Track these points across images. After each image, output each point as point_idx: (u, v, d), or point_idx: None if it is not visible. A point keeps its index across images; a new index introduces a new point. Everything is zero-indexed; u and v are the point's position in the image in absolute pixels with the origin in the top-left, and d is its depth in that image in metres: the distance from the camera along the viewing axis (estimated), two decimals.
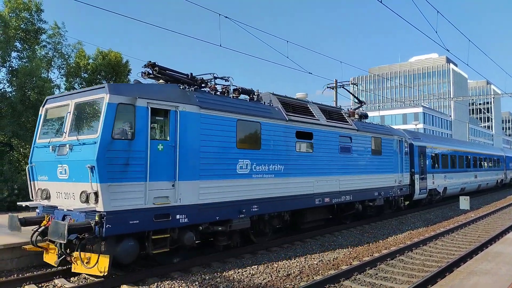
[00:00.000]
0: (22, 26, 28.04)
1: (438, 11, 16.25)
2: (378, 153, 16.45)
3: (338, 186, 13.90)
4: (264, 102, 11.94)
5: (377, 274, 9.22)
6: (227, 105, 10.28)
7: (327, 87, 21.03)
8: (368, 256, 10.78)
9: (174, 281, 8.42)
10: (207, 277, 8.74)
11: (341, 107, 18.62)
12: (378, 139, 16.51)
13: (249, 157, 10.43)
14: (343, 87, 21.54)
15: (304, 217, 13.16)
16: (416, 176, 20.01)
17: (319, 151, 13.04)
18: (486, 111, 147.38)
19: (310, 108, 13.50)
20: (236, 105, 10.63)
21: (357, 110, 17.61)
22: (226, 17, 14.02)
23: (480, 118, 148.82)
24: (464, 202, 22.10)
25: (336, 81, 29.34)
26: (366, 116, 17.87)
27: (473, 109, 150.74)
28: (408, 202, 20.58)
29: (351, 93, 20.08)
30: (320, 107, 14.16)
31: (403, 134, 19.42)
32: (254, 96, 12.06)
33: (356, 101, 19.55)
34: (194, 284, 8.31)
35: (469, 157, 29.52)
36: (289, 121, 11.91)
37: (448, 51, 19.57)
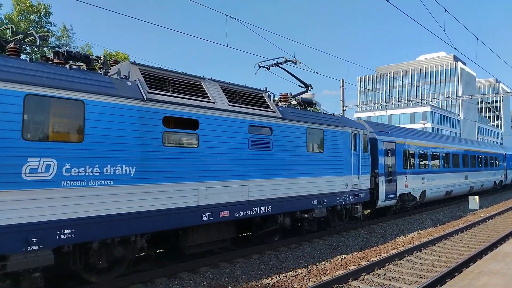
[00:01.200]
0: (31, 28, 28.34)
1: (445, 9, 16.15)
2: (319, 149, 12.82)
3: (247, 194, 10.22)
4: (121, 76, 8.41)
5: (385, 274, 9.19)
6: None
7: (260, 66, 12.61)
8: (376, 256, 10.75)
9: (182, 281, 8.47)
10: (215, 277, 8.77)
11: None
12: (319, 132, 12.83)
13: (57, 154, 6.85)
14: (278, 66, 14.24)
15: (186, 239, 9.45)
16: (381, 179, 16.36)
17: (210, 146, 9.36)
18: (495, 110, 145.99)
19: (203, 86, 9.78)
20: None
21: (299, 96, 14.00)
22: (232, 17, 14.06)
23: (489, 117, 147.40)
24: (473, 202, 21.94)
25: (343, 80, 29.27)
26: (310, 104, 14.11)
27: (481, 108, 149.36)
28: (369, 210, 17.62)
29: (291, 74, 14.52)
30: (224, 87, 10.39)
31: (360, 126, 15.35)
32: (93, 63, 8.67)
33: (301, 85, 14.93)
34: (202, 284, 8.35)
35: (458, 155, 25.11)
36: (149, 102, 8.21)
37: (456, 49, 19.45)
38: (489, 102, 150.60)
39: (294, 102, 13.43)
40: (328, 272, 9.27)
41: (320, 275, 9.03)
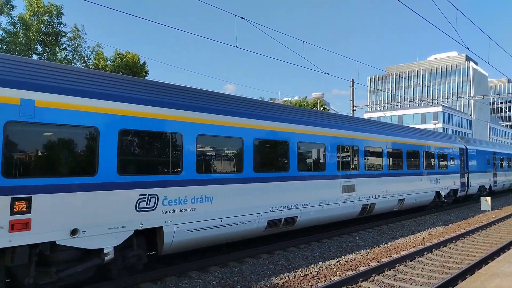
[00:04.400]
0: (43, 29, 28.72)
1: (457, 9, 15.98)
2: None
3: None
4: None
5: (395, 275, 9.12)
6: None
7: None
8: (386, 257, 10.67)
9: (192, 280, 8.50)
10: (224, 277, 8.79)
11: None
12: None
13: None
14: None
15: None
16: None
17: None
18: (507, 110, 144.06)
19: None
20: None
21: None
22: (242, 18, 14.07)
23: (502, 117, 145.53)
24: (485, 203, 21.68)
25: (352, 80, 29.14)
26: None
27: (494, 108, 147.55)
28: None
29: None
30: None
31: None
32: None
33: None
34: (211, 283, 8.37)
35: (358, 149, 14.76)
36: None
37: (468, 49, 19.23)
38: (501, 102, 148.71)
39: None
40: (337, 272, 9.23)
41: (330, 275, 8.99)
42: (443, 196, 20.76)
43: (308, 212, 12.15)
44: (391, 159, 16.82)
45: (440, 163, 20.59)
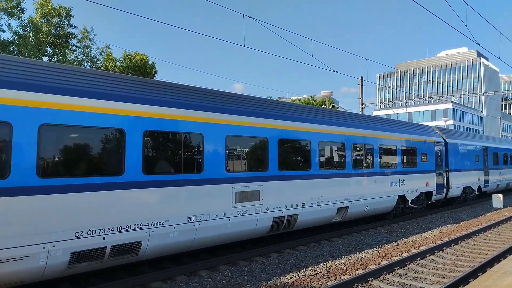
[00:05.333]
0: (52, 31, 29.00)
1: (467, 4, 15.80)
2: None
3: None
4: None
5: (406, 274, 9.05)
6: None
7: None
8: (397, 256, 10.60)
9: (202, 279, 8.53)
10: (234, 276, 8.81)
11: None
12: None
13: None
14: None
15: None
16: None
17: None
18: None
19: None
20: None
21: None
22: (249, 17, 14.06)
23: None
24: (497, 200, 21.43)
25: (361, 78, 28.97)
26: None
27: (505, 104, 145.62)
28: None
29: None
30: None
31: None
32: None
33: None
34: (221, 282, 8.39)
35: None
36: None
37: (479, 44, 19.02)
38: None
39: None
40: (347, 271, 9.19)
41: (340, 274, 8.96)
42: (409, 201, 16.96)
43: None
44: (325, 155, 12.91)
45: (406, 160, 16.74)
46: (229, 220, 9.65)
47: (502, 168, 27.14)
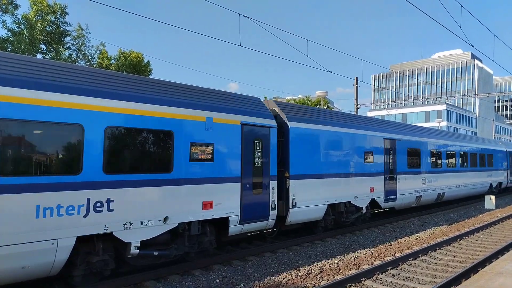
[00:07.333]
0: (47, 28, 28.79)
1: (462, 6, 15.88)
2: None
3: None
4: None
5: (399, 274, 9.10)
6: None
7: None
8: (390, 256, 10.65)
9: (195, 278, 8.52)
10: (228, 275, 8.80)
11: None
12: None
13: None
14: None
15: None
16: None
17: None
18: None
19: None
20: None
21: None
22: (245, 16, 14.05)
23: (507, 115, 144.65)
24: (489, 202, 21.59)
25: (356, 78, 29.05)
26: None
27: (499, 106, 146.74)
28: None
29: None
30: None
31: None
32: None
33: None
34: (215, 281, 8.38)
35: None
36: None
37: (473, 46, 19.12)
38: (506, 100, 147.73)
39: None
40: (341, 271, 9.22)
41: (333, 274, 8.99)
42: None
43: None
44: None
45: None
46: None
47: (442, 172, 19.81)
